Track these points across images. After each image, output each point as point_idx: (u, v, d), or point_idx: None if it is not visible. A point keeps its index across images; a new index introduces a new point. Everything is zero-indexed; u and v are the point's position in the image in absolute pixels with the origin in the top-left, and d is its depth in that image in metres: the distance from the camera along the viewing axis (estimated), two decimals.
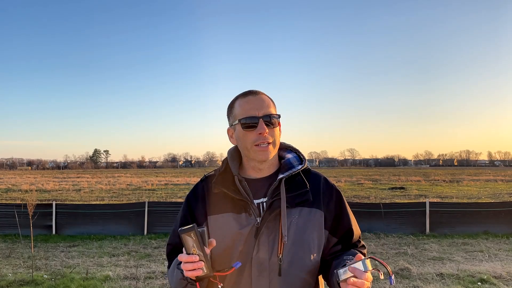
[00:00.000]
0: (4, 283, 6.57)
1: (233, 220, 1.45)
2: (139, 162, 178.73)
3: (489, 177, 46.20)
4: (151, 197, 22.75)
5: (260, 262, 1.41)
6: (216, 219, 1.47)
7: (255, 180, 1.52)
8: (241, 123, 1.46)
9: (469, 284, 6.41)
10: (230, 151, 1.58)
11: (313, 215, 1.47)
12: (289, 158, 1.56)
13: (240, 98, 1.50)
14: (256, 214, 1.44)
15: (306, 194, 1.48)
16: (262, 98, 1.48)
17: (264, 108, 1.46)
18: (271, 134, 1.45)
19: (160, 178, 48.70)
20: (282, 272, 1.41)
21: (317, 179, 1.55)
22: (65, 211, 12.05)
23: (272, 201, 1.44)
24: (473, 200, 19.55)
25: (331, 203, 1.53)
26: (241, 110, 1.47)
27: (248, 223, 1.43)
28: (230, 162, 1.54)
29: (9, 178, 51.31)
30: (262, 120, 1.44)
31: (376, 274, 1.39)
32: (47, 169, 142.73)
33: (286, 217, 1.42)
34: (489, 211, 11.67)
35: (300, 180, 1.50)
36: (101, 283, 6.54)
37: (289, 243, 1.42)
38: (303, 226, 1.45)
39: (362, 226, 11.60)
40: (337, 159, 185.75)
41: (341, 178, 42.90)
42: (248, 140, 1.45)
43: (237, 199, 1.45)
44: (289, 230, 1.42)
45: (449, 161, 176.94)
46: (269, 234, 1.42)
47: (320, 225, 1.48)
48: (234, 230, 1.43)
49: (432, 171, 77.67)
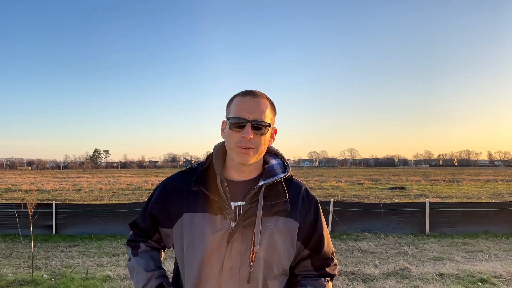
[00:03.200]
0: (4, 283, 6.57)
1: (208, 221, 1.43)
2: (139, 162, 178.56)
3: (489, 177, 46.21)
4: None
5: (231, 267, 1.40)
6: (192, 217, 1.45)
7: (236, 182, 1.49)
8: (229, 121, 1.44)
9: (469, 284, 6.41)
10: (216, 148, 1.55)
11: (288, 226, 1.45)
12: (273, 164, 1.53)
13: (239, 96, 1.47)
14: (231, 218, 1.42)
15: (284, 204, 1.45)
16: (258, 102, 1.44)
17: (256, 112, 1.42)
18: (255, 140, 1.41)
19: (160, 178, 48.65)
20: (252, 280, 1.40)
21: (297, 189, 1.52)
22: (65, 211, 12.04)
23: (249, 207, 1.42)
24: (473, 200, 19.55)
25: (308, 216, 1.50)
26: (235, 108, 1.44)
27: (223, 227, 1.41)
28: (214, 160, 1.51)
29: (9, 178, 51.29)
30: (250, 124, 1.40)
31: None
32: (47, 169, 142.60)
33: (261, 226, 1.41)
34: (489, 211, 11.67)
35: (280, 189, 1.47)
36: (101, 283, 6.53)
37: (261, 252, 1.41)
38: (276, 236, 1.43)
39: (362, 226, 11.65)
40: (337, 159, 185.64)
41: (341, 178, 42.91)
42: (232, 139, 1.43)
43: (214, 200, 1.43)
44: (262, 239, 1.41)
45: (449, 161, 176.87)
46: (242, 240, 1.41)
47: (293, 236, 1.46)
48: (208, 232, 1.42)
49: (432, 171, 77.69)
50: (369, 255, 8.74)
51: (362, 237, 10.80)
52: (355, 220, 11.59)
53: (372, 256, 8.70)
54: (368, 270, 7.26)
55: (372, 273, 7.06)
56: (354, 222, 11.53)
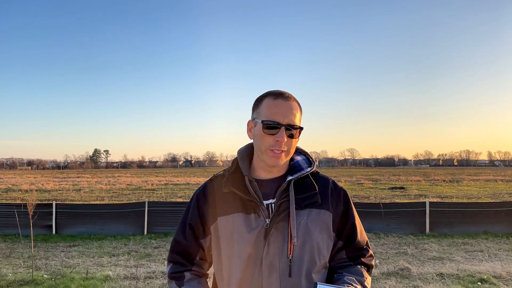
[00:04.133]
0: (4, 283, 6.57)
1: (242, 220, 1.45)
2: (139, 162, 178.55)
3: (489, 177, 46.19)
4: (151, 197, 22.74)
5: (270, 263, 1.41)
6: (226, 219, 1.47)
7: (264, 181, 1.52)
8: (263, 124, 1.45)
9: (469, 284, 6.41)
10: (240, 151, 1.58)
11: (322, 216, 1.48)
12: (298, 160, 1.57)
13: (270, 98, 1.48)
14: (265, 215, 1.45)
15: (315, 196, 1.49)
16: (291, 106, 1.46)
17: (290, 116, 1.45)
18: (288, 143, 1.45)
19: (160, 178, 48.68)
20: (293, 273, 1.41)
21: (325, 182, 1.56)
22: (65, 211, 12.05)
23: (281, 202, 1.45)
24: (473, 200, 19.56)
25: (339, 206, 1.54)
26: (267, 111, 1.45)
27: (258, 224, 1.44)
28: (240, 162, 1.53)
29: (9, 178, 51.29)
30: (284, 129, 1.43)
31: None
32: (47, 169, 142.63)
33: (295, 219, 1.42)
34: (489, 211, 11.67)
35: (309, 182, 1.51)
36: (101, 283, 6.54)
37: (299, 244, 1.43)
38: (312, 227, 1.46)
39: (362, 226, 11.61)
40: (337, 159, 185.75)
41: (341, 178, 42.89)
42: (264, 142, 1.45)
43: (246, 200, 1.46)
44: (298, 231, 1.43)
45: (449, 161, 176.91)
46: (279, 235, 1.43)
47: (329, 226, 1.49)
48: (244, 231, 1.44)
49: (432, 171, 77.68)
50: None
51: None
52: None
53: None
54: None
55: (372, 273, 7.06)
56: None
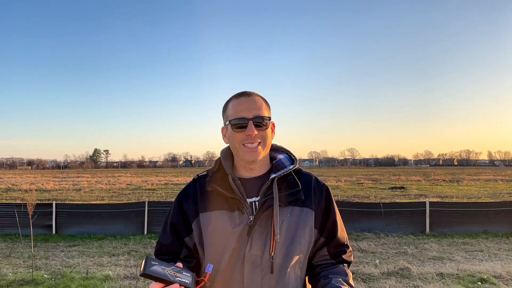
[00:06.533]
0: (4, 282, 6.57)
1: (226, 217, 1.47)
2: (139, 162, 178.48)
3: (489, 176, 46.22)
4: (151, 197, 22.75)
5: (253, 259, 1.44)
6: (208, 215, 1.50)
7: (248, 180, 1.54)
8: (231, 124, 1.50)
9: (469, 284, 6.41)
10: (223, 151, 1.61)
11: (304, 214, 1.51)
12: (280, 158, 1.59)
13: (233, 99, 1.53)
14: (248, 212, 1.47)
15: (298, 193, 1.51)
16: (254, 100, 1.51)
17: (255, 110, 1.49)
18: (261, 135, 1.48)
19: (160, 177, 48.70)
20: (274, 269, 1.44)
21: (308, 179, 1.58)
22: (65, 211, 12.05)
23: (265, 200, 1.47)
24: (473, 199, 19.56)
25: (321, 203, 1.56)
26: (233, 111, 1.50)
27: (241, 221, 1.46)
28: (223, 161, 1.57)
29: (9, 177, 51.30)
30: (252, 122, 1.47)
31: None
32: (47, 169, 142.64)
33: (279, 216, 1.45)
34: (489, 210, 11.68)
35: (292, 180, 1.53)
36: (101, 283, 6.54)
37: (281, 241, 1.45)
38: (295, 224, 1.48)
39: (362, 225, 11.65)
40: (337, 159, 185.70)
41: (341, 178, 42.93)
42: (236, 140, 1.49)
43: (230, 197, 1.48)
44: (281, 229, 1.46)
45: (449, 161, 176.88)
46: (262, 232, 1.45)
47: (311, 223, 1.52)
48: (227, 227, 1.46)
49: (432, 170, 77.67)
50: (369, 255, 8.75)
51: (362, 236, 10.81)
52: (355, 220, 11.58)
53: (372, 255, 8.70)
54: (368, 269, 7.26)
55: (372, 272, 7.06)
56: (354, 221, 11.52)
